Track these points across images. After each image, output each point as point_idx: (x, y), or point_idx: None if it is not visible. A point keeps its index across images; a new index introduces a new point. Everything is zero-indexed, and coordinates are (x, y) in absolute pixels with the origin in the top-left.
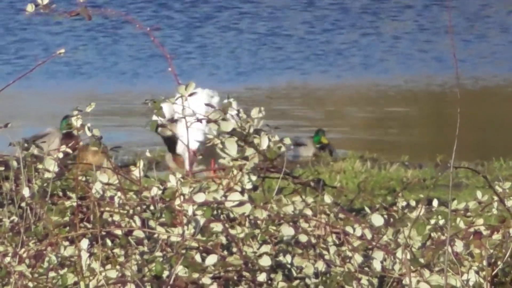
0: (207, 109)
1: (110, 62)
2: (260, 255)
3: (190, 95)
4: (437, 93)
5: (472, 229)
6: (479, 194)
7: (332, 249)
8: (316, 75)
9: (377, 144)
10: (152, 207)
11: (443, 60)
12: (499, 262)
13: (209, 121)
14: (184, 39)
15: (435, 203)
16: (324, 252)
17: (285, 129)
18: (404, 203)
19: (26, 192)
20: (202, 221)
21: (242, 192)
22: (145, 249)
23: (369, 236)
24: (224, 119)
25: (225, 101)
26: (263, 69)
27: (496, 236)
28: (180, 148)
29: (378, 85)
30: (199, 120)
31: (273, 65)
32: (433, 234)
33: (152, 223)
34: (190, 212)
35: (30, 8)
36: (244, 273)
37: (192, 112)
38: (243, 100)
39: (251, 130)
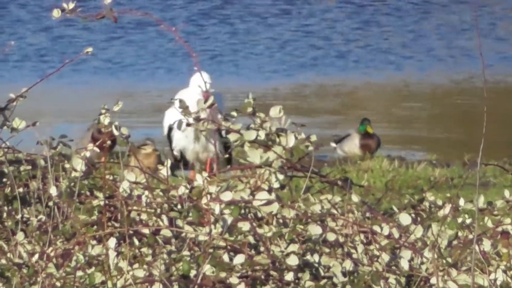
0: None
1: (144, 59)
2: (288, 254)
3: (210, 106)
4: (466, 90)
5: (499, 228)
6: (506, 193)
7: (360, 248)
8: (343, 72)
9: (404, 142)
10: (179, 206)
11: (472, 58)
12: None
13: (229, 131)
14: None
15: (462, 202)
16: (352, 251)
17: (317, 125)
18: (432, 198)
19: (53, 191)
20: (229, 220)
21: (269, 191)
22: (173, 248)
23: (396, 235)
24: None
25: (246, 100)
26: (302, 66)
27: None
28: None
29: (406, 83)
30: (219, 130)
31: (300, 63)
32: (460, 233)
33: (179, 222)
34: (217, 211)
35: (56, 13)
36: (272, 272)
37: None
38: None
39: (273, 129)
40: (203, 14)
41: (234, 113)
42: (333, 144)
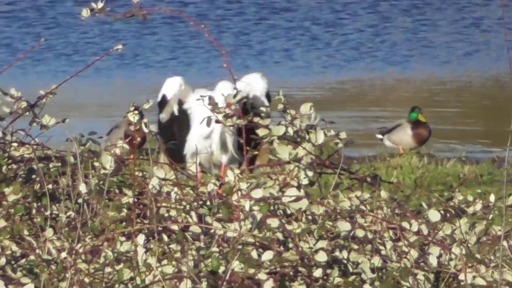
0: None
1: (175, 55)
2: (316, 251)
3: (238, 101)
4: (496, 88)
5: None
6: None
7: (389, 244)
8: (376, 70)
9: (438, 137)
10: (208, 203)
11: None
12: None
13: (259, 126)
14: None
15: (492, 198)
16: (381, 247)
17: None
18: (461, 197)
19: (83, 188)
20: (258, 216)
21: (298, 188)
22: (202, 244)
23: (425, 231)
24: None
25: (277, 97)
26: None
27: None
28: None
29: (439, 79)
30: (250, 123)
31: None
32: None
33: (208, 218)
34: (247, 208)
35: (85, 12)
36: (300, 269)
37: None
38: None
39: (303, 126)
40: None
41: (263, 109)
42: (379, 136)
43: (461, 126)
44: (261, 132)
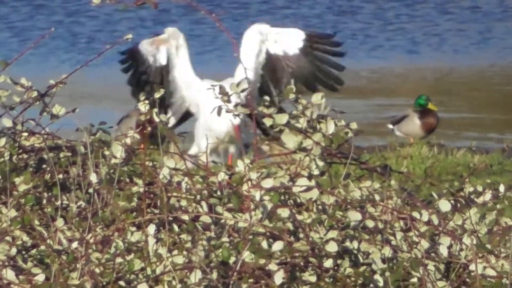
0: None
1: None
2: (327, 241)
3: (243, 91)
4: (507, 77)
5: None
6: None
7: (399, 234)
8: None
9: (447, 127)
10: (219, 193)
11: None
12: None
13: (263, 115)
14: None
15: (501, 188)
16: (391, 237)
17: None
18: (471, 189)
19: (93, 177)
20: (269, 206)
21: (309, 178)
22: (212, 234)
23: (436, 221)
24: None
25: (288, 86)
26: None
27: None
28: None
29: (449, 68)
30: (252, 115)
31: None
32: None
33: (219, 208)
34: (257, 198)
35: (96, 0)
36: (311, 259)
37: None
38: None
39: (314, 116)
40: None
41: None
42: (390, 126)
43: (471, 115)
44: (267, 121)
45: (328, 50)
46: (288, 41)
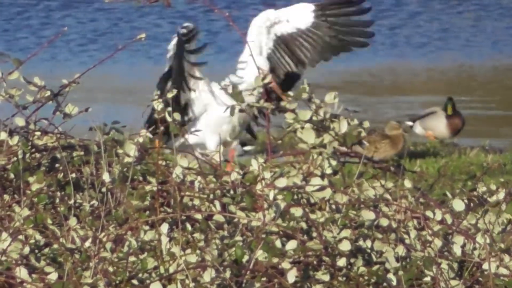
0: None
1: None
2: (340, 240)
3: (266, 84)
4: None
5: None
6: None
7: (413, 233)
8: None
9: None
10: (232, 192)
11: None
12: None
13: (285, 110)
14: None
15: None
16: (405, 236)
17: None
18: (484, 188)
19: (106, 177)
20: (282, 205)
21: (322, 177)
22: (225, 233)
23: (449, 220)
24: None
25: (301, 86)
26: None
27: None
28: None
29: (462, 67)
30: (277, 109)
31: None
32: None
33: (232, 207)
34: (271, 197)
35: None
36: (324, 258)
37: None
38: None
39: (327, 116)
40: None
41: (291, 93)
42: (409, 123)
43: (485, 114)
44: (288, 116)
45: (348, 12)
46: (297, 17)
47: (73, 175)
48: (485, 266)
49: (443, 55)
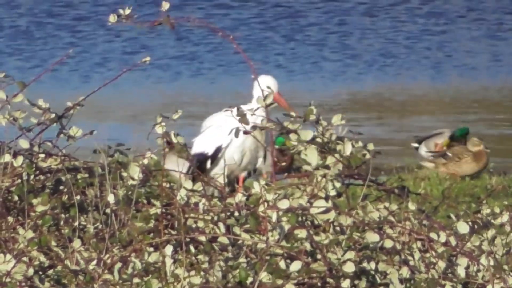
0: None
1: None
2: (344, 261)
3: (268, 105)
4: None
5: None
6: None
7: (417, 255)
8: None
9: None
10: (236, 214)
11: None
12: None
13: (288, 131)
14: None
15: None
16: (409, 258)
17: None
18: (489, 210)
19: (111, 198)
20: (286, 227)
21: (326, 199)
22: (229, 255)
23: (453, 242)
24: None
25: (309, 107)
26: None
27: None
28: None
29: (463, 88)
30: (284, 129)
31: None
32: None
33: (236, 229)
34: (274, 219)
35: (112, 18)
36: (328, 280)
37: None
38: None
39: (333, 137)
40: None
41: (293, 113)
42: (414, 144)
43: (488, 136)
44: (292, 137)
45: None
46: None
47: (78, 197)
48: (489, 287)
49: (447, 76)
